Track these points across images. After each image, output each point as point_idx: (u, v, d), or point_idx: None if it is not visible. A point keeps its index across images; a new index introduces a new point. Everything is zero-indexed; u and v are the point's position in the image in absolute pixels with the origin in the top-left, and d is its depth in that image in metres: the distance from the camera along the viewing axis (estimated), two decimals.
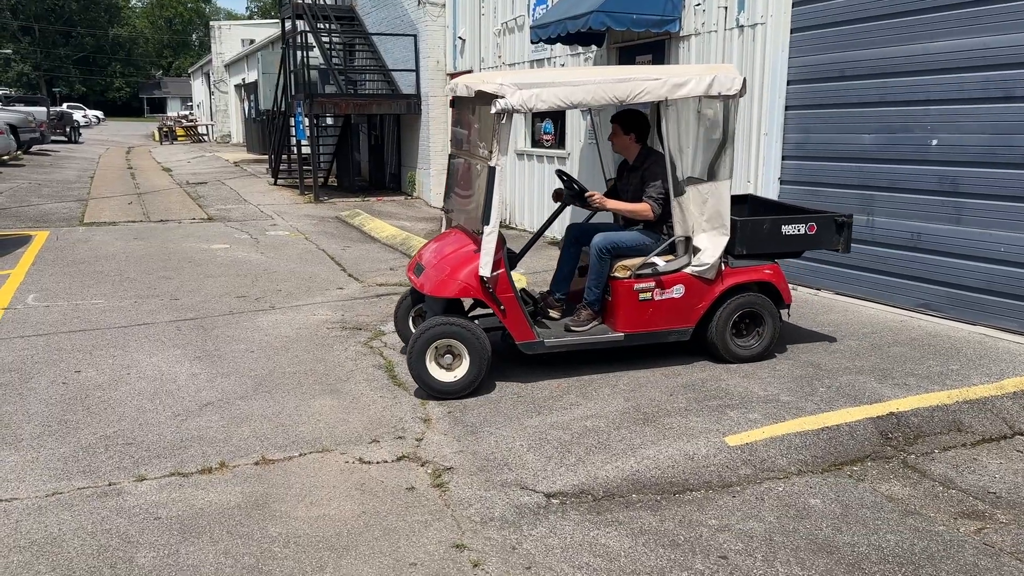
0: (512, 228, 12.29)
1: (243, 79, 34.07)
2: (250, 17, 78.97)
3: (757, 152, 7.70)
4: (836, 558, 3.27)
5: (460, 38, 13.75)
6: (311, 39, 16.67)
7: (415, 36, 15.00)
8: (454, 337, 4.89)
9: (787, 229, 5.45)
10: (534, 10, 11.18)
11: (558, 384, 5.12)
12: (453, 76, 14.35)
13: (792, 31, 7.39)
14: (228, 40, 39.18)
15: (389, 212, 13.83)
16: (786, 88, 7.48)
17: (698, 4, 8.26)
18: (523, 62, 11.71)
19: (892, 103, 6.60)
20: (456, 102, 5.51)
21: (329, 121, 18.33)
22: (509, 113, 4.70)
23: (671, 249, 5.29)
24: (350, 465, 4.06)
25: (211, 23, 44.49)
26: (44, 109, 31.38)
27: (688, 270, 5.25)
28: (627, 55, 9.56)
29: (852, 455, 4.21)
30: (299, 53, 16.31)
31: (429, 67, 14.68)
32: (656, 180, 5.29)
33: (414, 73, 15.27)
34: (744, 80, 5.20)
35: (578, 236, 5.72)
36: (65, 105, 52.73)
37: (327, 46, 16.56)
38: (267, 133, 22.67)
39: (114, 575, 3.12)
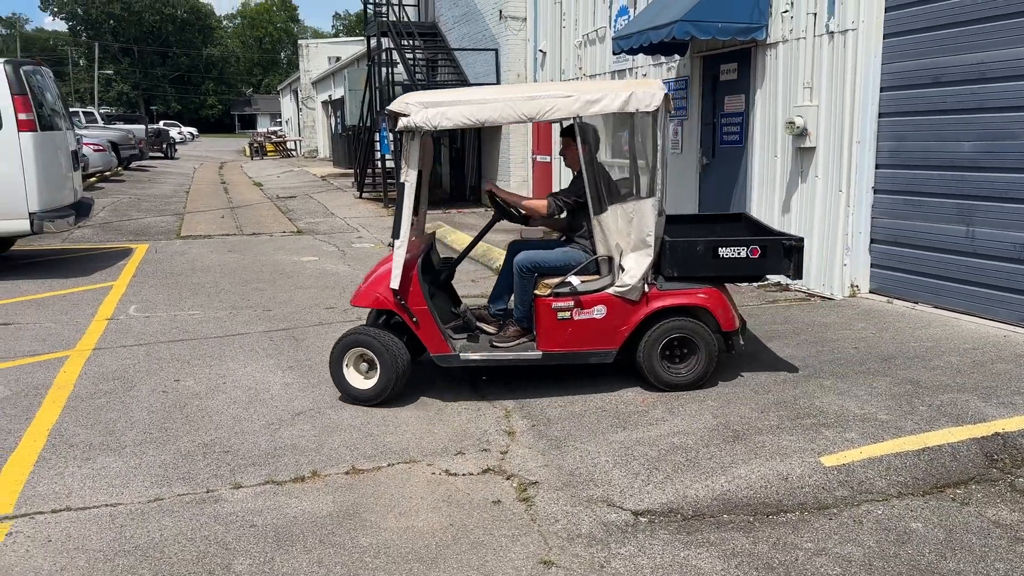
0: None
1: (329, 95, 35.05)
2: (336, 35, 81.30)
3: (849, 161, 7.46)
4: None
5: (541, 51, 13.82)
6: (395, 56, 17.03)
7: (496, 50, 15.16)
8: (366, 347, 5.07)
9: (725, 252, 5.03)
10: (616, 21, 11.15)
11: (643, 399, 5.06)
12: None
13: (885, 36, 7.15)
14: (315, 58, 40.40)
15: (470, 224, 13.96)
16: (879, 95, 7.24)
17: (785, 11, 8.08)
18: (604, 73, 11.69)
19: (992, 109, 6.31)
20: None
21: None
22: (413, 131, 4.83)
23: (597, 268, 5.13)
24: (437, 477, 4.10)
25: (299, 42, 45.96)
26: (142, 127, 32.96)
27: (610, 290, 5.04)
28: (711, 64, 9.42)
29: (955, 477, 4.02)
30: (383, 70, 16.68)
31: (510, 81, 14.80)
32: (571, 187, 5.19)
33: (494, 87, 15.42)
34: (666, 95, 4.88)
35: (518, 251, 5.61)
36: (161, 122, 55.28)
37: (410, 62, 16.88)
38: (353, 148, 23.23)
39: None
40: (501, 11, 14.73)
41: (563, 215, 5.45)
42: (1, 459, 4.33)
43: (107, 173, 22.67)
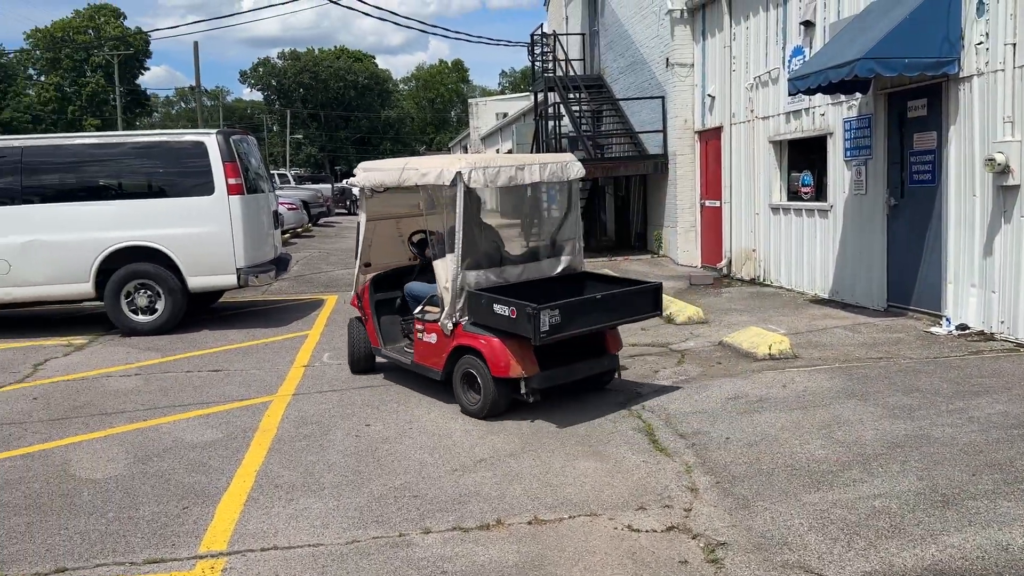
0: (767, 285, 11.82)
1: (497, 150, 36.30)
2: (502, 92, 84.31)
3: None
4: None
5: (709, 95, 13.68)
6: (562, 109, 17.42)
7: (663, 98, 15.16)
8: (349, 330, 7.49)
9: (498, 308, 5.77)
10: (790, 62, 10.87)
11: (837, 458, 4.78)
12: (702, 134, 14.28)
13: None
14: (484, 115, 42.12)
15: (636, 271, 13.89)
16: None
17: (980, 43, 7.57)
18: (778, 114, 11.38)
19: None
20: None
21: None
22: (360, 188, 7.10)
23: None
24: (619, 532, 4.05)
25: (469, 100, 48.14)
26: (329, 186, 35.48)
27: (439, 323, 6.26)
28: (897, 100, 8.95)
29: None
30: (550, 123, 17.11)
31: (676, 127, 14.73)
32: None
33: (661, 134, 15.39)
34: (458, 174, 5.89)
35: None
36: (345, 181, 59.15)
37: (576, 114, 17.20)
38: None
39: None
40: (668, 59, 14.75)
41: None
42: (215, 498, 4.71)
43: (299, 229, 24.54)
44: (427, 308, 6.52)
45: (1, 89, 71.51)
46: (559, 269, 6.81)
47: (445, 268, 6.14)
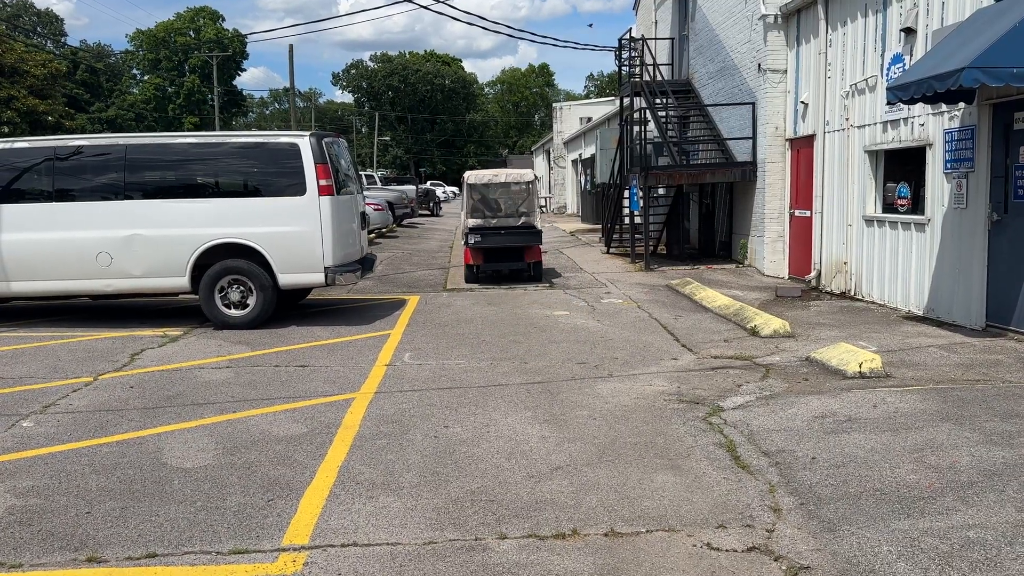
0: (858, 300, 11.43)
1: (580, 154, 36.23)
2: (587, 96, 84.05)
3: None
4: None
5: (802, 102, 13.33)
6: (647, 114, 17.26)
7: (753, 104, 14.85)
8: None
9: (463, 235, 13.24)
10: (888, 70, 10.50)
11: (929, 484, 4.58)
12: (793, 141, 13.92)
13: None
14: (567, 119, 42.10)
15: (720, 280, 13.64)
16: None
17: None
18: (874, 123, 11.00)
19: None
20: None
21: (661, 191, 18.71)
22: (466, 184, 14.37)
23: None
24: (698, 549, 3.98)
25: (553, 105, 48.16)
26: (413, 187, 36.06)
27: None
28: (1003, 111, 8.54)
29: None
30: (635, 128, 16.96)
31: (767, 134, 14.40)
32: None
33: (750, 141, 15.08)
34: (463, 176, 12.40)
35: None
36: (428, 183, 60.08)
37: (662, 119, 17.01)
38: (601, 204, 23.75)
39: None
40: (760, 64, 14.45)
41: None
42: (299, 491, 4.84)
43: (384, 230, 25.02)
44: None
45: (107, 88, 75.37)
46: (519, 223, 14.16)
47: (463, 216, 13.85)
